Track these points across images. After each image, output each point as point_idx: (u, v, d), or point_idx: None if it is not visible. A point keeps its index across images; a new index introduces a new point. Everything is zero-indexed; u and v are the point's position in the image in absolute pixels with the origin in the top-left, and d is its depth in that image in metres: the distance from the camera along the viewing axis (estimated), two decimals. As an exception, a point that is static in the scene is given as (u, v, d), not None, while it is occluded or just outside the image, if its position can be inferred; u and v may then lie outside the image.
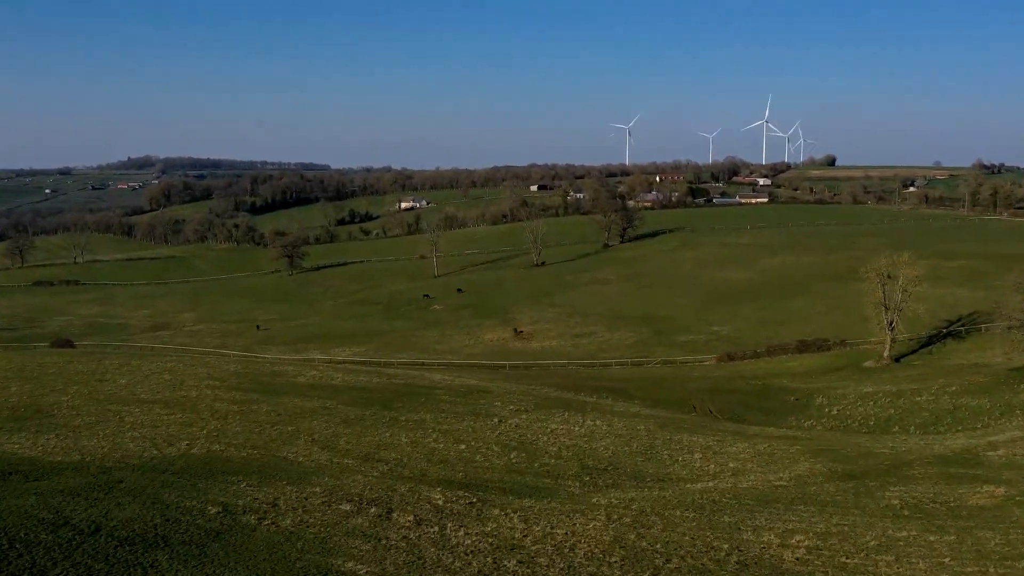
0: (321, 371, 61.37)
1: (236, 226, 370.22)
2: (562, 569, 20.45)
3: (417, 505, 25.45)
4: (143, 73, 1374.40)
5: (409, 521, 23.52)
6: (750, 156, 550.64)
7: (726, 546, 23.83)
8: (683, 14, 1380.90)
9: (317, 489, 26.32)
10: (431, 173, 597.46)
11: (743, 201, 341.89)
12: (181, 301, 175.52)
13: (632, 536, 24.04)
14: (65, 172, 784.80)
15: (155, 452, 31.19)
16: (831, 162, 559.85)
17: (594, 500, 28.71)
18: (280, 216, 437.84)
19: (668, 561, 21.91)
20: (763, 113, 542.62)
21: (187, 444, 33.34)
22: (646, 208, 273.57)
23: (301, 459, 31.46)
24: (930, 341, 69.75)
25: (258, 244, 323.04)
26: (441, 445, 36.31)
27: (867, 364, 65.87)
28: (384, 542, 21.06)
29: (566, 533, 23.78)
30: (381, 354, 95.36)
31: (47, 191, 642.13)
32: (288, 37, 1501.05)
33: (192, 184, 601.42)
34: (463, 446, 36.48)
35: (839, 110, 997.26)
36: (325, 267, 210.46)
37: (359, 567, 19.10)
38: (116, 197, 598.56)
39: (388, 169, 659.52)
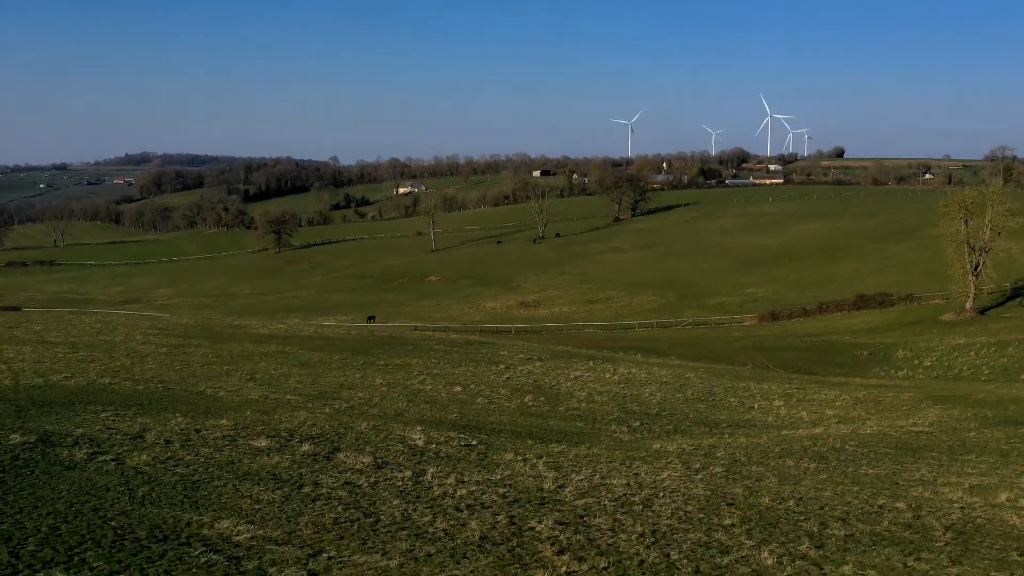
0: (291, 326, 52.10)
1: (226, 209, 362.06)
2: (646, 530, 11.08)
3: (381, 445, 16.15)
4: (141, 69, 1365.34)
5: (363, 464, 14.15)
6: (754, 150, 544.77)
7: (900, 504, 14.51)
8: (682, 6, 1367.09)
9: (224, 422, 17.03)
10: (430, 162, 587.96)
11: (756, 182, 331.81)
12: (159, 278, 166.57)
13: (739, 490, 14.72)
14: (61, 168, 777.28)
15: (6, 383, 22.05)
16: (840, 154, 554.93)
17: (656, 446, 19.43)
18: (273, 203, 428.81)
19: (824, 526, 12.56)
20: (762, 107, 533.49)
21: (66, 376, 24.15)
22: (656, 189, 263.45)
23: (223, 394, 22.24)
24: (1016, 293, 60.44)
25: (248, 228, 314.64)
26: (428, 387, 27.09)
27: (945, 317, 56.60)
28: (306, 491, 11.78)
29: (628, 484, 14.42)
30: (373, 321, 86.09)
31: (41, 186, 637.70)
32: (287, 33, 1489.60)
33: (184, 172, 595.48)
34: (458, 388, 27.27)
35: (841, 105, 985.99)
36: (316, 245, 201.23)
37: (239, 527, 9.77)
38: (111, 192, 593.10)
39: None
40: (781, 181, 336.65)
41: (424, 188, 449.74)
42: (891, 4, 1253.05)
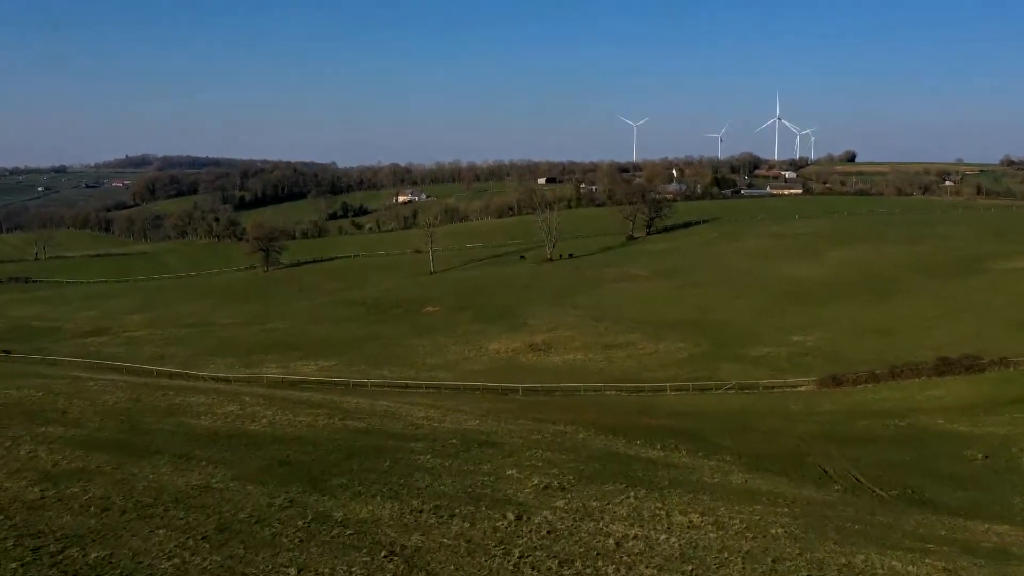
0: (245, 405, 42.64)
1: (216, 220, 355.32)
2: None
3: None
4: (142, 70, 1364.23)
5: None
6: (761, 154, 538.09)
7: None
8: (687, 8, 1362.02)
9: None
10: (432, 168, 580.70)
11: (775, 192, 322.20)
12: (137, 301, 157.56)
13: None
14: (60, 170, 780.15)
15: None
16: (851, 158, 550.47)
17: None
18: (269, 211, 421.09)
19: None
20: (773, 110, 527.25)
21: None
22: (669, 200, 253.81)
23: None
24: None
25: (240, 239, 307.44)
26: (399, 601, 17.94)
27: (1060, 395, 47.21)
28: None
29: None
30: (355, 370, 76.82)
31: (39, 188, 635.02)
32: (290, 34, 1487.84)
33: (179, 178, 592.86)
34: (445, 604, 18.08)
35: (846, 107, 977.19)
36: (307, 263, 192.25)
37: None
38: (110, 195, 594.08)
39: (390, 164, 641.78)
40: (800, 191, 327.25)
41: (425, 196, 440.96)
42: (892, 5, 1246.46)
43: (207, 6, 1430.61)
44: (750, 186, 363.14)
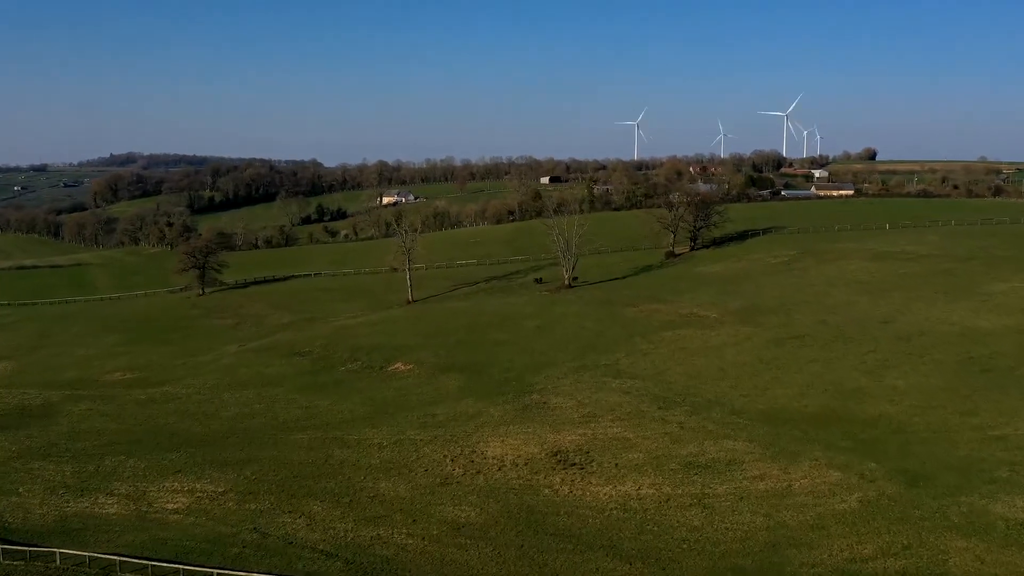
0: None
1: (169, 224, 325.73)
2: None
3: None
4: (130, 67, 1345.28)
5: None
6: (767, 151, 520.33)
7: None
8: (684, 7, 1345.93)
9: None
10: (422, 166, 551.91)
11: (823, 194, 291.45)
12: (23, 337, 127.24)
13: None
14: (40, 169, 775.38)
15: None
16: (871, 156, 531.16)
17: None
18: (228, 215, 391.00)
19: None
20: (772, 107, 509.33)
21: None
22: (715, 203, 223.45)
23: None
24: None
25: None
26: None
27: None
28: None
29: None
30: (251, 509, 46.18)
31: (16, 188, 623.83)
32: (284, 33, 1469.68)
33: (145, 177, 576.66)
34: None
35: (845, 106, 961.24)
36: (256, 283, 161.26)
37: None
38: (89, 194, 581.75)
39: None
40: (852, 193, 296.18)
41: (412, 197, 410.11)
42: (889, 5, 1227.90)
43: (201, 5, 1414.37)
44: (787, 186, 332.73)
